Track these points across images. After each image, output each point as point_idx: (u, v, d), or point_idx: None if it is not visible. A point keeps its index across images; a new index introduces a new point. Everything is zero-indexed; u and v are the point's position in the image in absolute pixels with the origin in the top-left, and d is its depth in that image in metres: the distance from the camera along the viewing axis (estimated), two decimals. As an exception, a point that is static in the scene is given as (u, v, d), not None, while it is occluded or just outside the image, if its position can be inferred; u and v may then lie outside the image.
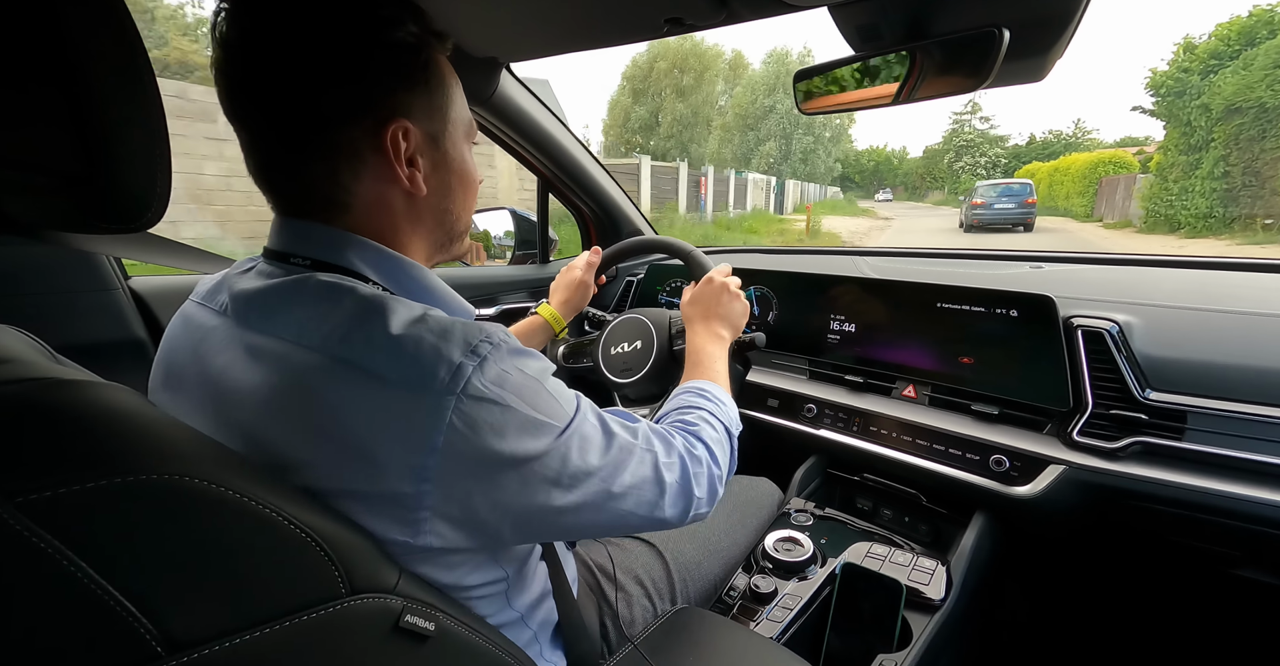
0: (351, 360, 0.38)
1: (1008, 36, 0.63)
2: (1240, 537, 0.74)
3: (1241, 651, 0.98)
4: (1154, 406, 0.77)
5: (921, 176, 55.18)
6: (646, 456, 0.48)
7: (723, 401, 0.65)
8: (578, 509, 0.43)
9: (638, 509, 0.47)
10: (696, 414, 0.61)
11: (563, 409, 0.43)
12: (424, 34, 0.44)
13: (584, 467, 0.43)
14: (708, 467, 0.55)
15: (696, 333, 0.78)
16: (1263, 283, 0.95)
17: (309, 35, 0.40)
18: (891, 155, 68.36)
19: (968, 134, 47.36)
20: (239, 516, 0.31)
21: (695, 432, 0.58)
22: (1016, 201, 15.04)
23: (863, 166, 67.24)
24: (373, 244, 0.46)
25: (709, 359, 0.73)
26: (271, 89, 0.40)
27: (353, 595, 0.34)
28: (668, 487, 0.49)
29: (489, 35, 0.92)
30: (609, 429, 0.46)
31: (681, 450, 0.53)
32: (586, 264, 1.01)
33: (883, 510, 1.04)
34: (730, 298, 0.81)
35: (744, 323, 0.82)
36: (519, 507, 0.40)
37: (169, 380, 0.48)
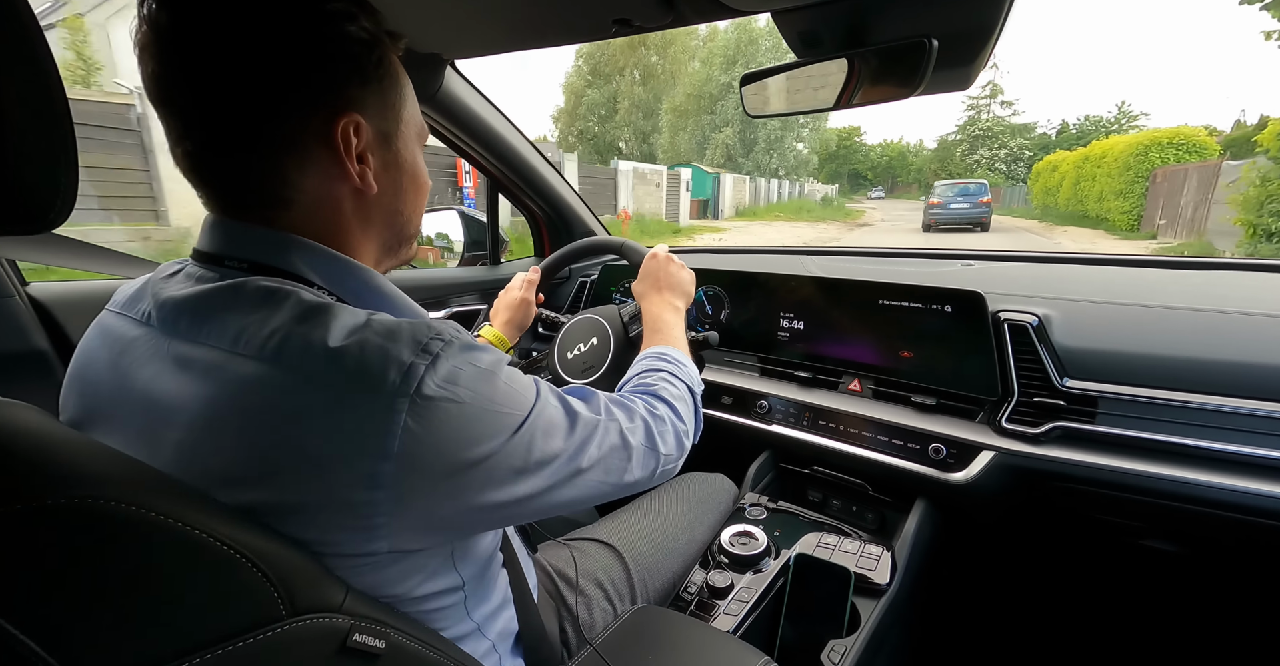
0: (294, 368, 0.36)
1: (937, 46, 0.66)
2: (1145, 511, 0.81)
3: (1150, 614, 1.08)
4: (1070, 393, 0.83)
5: (935, 172, 48.24)
6: (611, 425, 0.49)
7: (682, 362, 0.67)
8: (548, 490, 0.43)
9: (607, 476, 0.48)
10: (656, 375, 0.63)
11: (523, 397, 0.42)
12: (376, 31, 0.43)
13: (549, 451, 0.42)
14: (671, 424, 0.56)
15: (651, 303, 0.79)
16: (1165, 278, 1.05)
17: (253, 19, 0.38)
18: (906, 150, 63.26)
19: (985, 122, 40.85)
20: (161, 540, 0.29)
21: (655, 392, 0.59)
22: (971, 201, 14.86)
23: (874, 163, 62.80)
24: (319, 246, 0.43)
25: (666, 326, 0.75)
26: (209, 75, 0.38)
27: (294, 616, 0.33)
28: (634, 451, 0.50)
29: (432, 30, 0.89)
30: (571, 408, 0.46)
31: (643, 412, 0.54)
32: (525, 283, 1.00)
33: (832, 501, 1.08)
34: (676, 267, 0.84)
35: (693, 289, 0.85)
36: (484, 502, 0.39)
37: (84, 398, 0.44)
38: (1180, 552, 0.89)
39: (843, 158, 62.42)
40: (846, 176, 62.13)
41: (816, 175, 59.85)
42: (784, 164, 25.49)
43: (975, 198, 14.83)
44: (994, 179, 35.67)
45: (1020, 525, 1.00)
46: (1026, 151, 39.40)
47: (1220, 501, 0.73)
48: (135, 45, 0.39)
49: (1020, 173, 37.25)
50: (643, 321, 0.79)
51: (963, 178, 35.19)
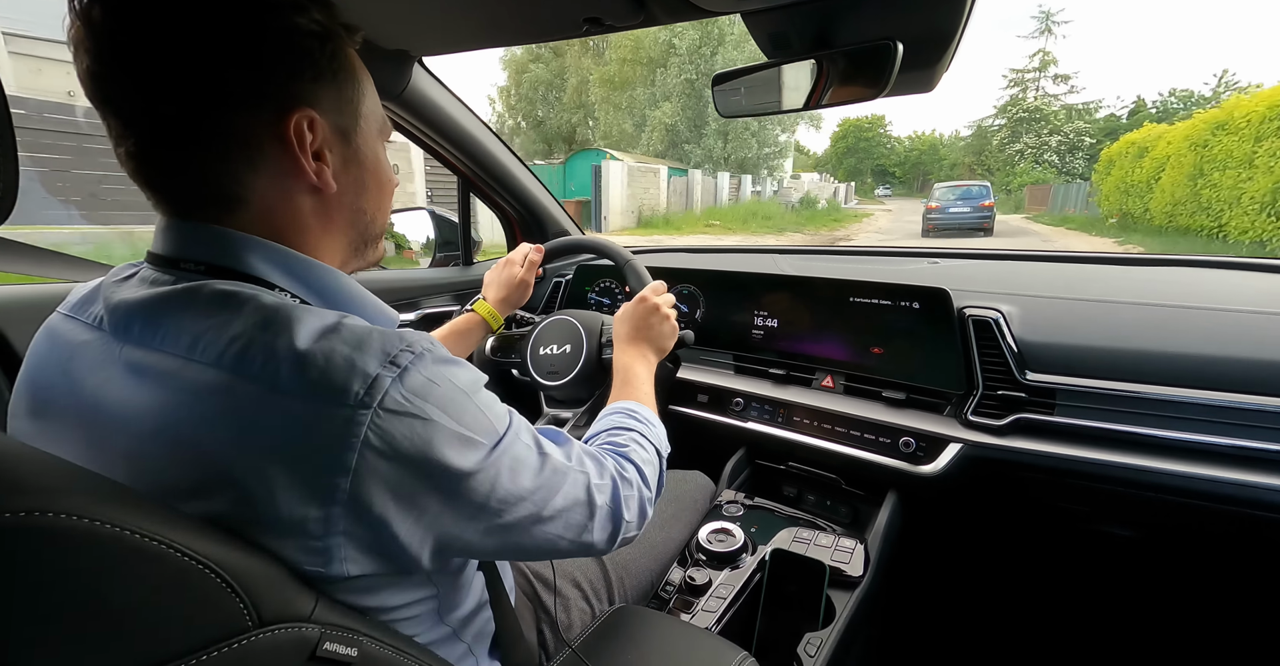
0: (253, 376, 0.34)
1: (901, 49, 0.68)
2: (1101, 498, 0.85)
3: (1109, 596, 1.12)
4: (1031, 385, 0.87)
5: (968, 166, 39.46)
6: (580, 478, 0.47)
7: (652, 422, 0.65)
8: (504, 532, 0.41)
9: (565, 532, 0.46)
10: (627, 435, 0.61)
11: (493, 425, 0.41)
12: (329, 23, 0.41)
13: (515, 491, 0.41)
14: (638, 490, 0.54)
15: (625, 351, 0.78)
16: (1119, 274, 1.09)
17: (192, 11, 0.36)
18: (938, 142, 54.26)
19: (1031, 102, 32.35)
20: (116, 552, 0.28)
21: (626, 454, 0.57)
22: (972, 205, 13.78)
23: (902, 157, 54.79)
24: (279, 246, 0.41)
25: (636, 379, 0.73)
26: (146, 71, 0.36)
27: (261, 627, 0.32)
28: (597, 510, 0.48)
29: (400, 27, 0.87)
30: (543, 449, 0.45)
31: (613, 471, 0.52)
32: (528, 262, 0.98)
33: (807, 495, 1.09)
34: (660, 319, 0.81)
35: (670, 345, 0.83)
36: (440, 531, 0.38)
37: (34, 405, 0.42)
38: (1136, 537, 0.93)
39: (863, 152, 54.86)
40: (871, 172, 55.31)
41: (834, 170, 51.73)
42: (746, 153, 19.46)
43: (977, 201, 13.82)
44: (1041, 173, 28.44)
45: (986, 515, 1.03)
46: (1087, 138, 29.61)
47: (1171, 487, 0.77)
48: (69, 41, 0.36)
49: (1077, 166, 28.64)
50: (613, 367, 0.77)
51: (1001, 172, 30.94)
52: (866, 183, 54.53)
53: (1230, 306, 0.86)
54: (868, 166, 55.62)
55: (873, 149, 55.12)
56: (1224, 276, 1.03)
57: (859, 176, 54.62)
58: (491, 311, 0.94)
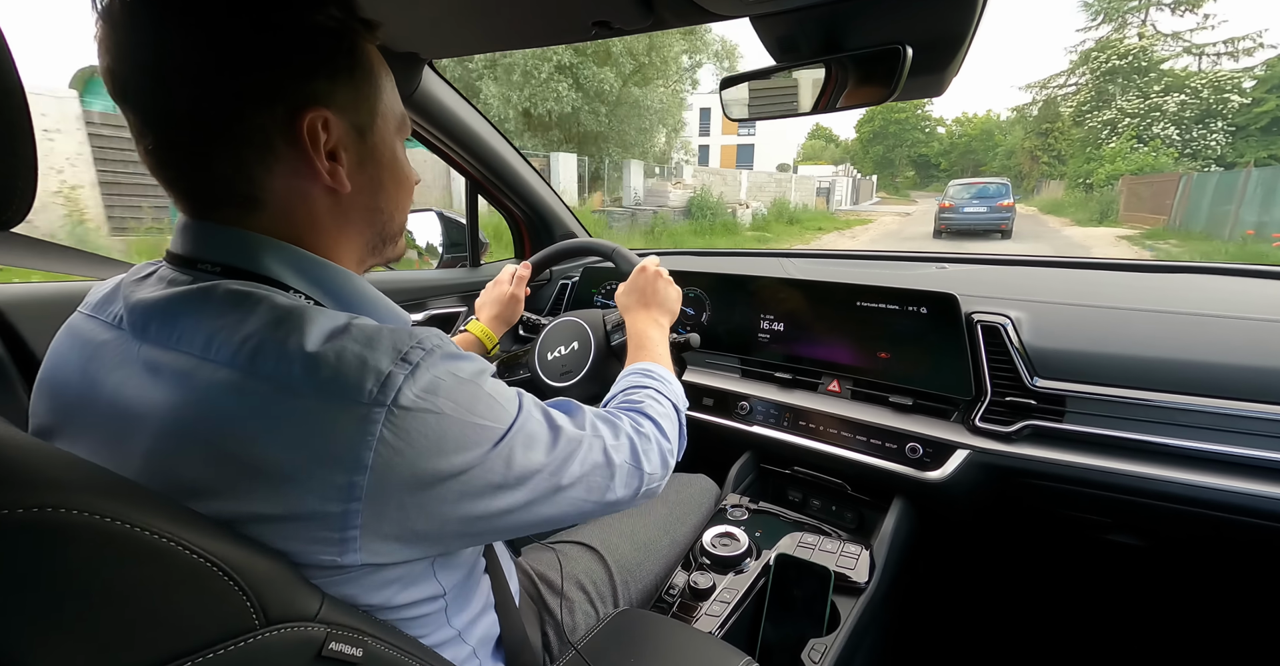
0: (267, 375, 0.35)
1: (910, 53, 0.68)
2: (1111, 506, 0.84)
3: (1118, 606, 1.11)
4: (1040, 392, 0.86)
5: (1029, 153, 29.44)
6: (595, 442, 0.48)
7: (667, 379, 0.66)
8: (527, 505, 0.42)
9: (589, 495, 0.47)
10: (642, 392, 0.62)
11: (504, 409, 0.41)
12: (348, 20, 0.41)
13: (529, 466, 0.42)
14: (656, 442, 0.55)
15: (636, 319, 0.78)
16: (1130, 281, 1.08)
17: (208, 10, 0.36)
18: (993, 125, 42.83)
19: (1132, 44, 20.68)
20: (126, 550, 0.28)
21: (641, 409, 0.58)
22: (988, 204, 12.80)
23: (948, 144, 45.27)
24: (292, 248, 0.42)
25: (651, 342, 0.74)
26: (162, 69, 0.36)
27: (268, 626, 0.32)
28: (618, 469, 0.49)
29: (411, 30, 0.88)
30: (554, 422, 0.45)
31: (629, 429, 0.53)
32: (516, 278, 0.99)
33: (812, 500, 1.09)
34: (665, 284, 0.82)
35: (679, 307, 0.84)
36: (462, 515, 0.39)
37: (54, 403, 0.43)
38: (1145, 546, 0.92)
39: (894, 138, 45.28)
40: (909, 163, 46.64)
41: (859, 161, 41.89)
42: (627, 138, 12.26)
43: (994, 200, 12.86)
44: (1146, 157, 17.19)
45: (993, 522, 1.02)
46: (1234, 97, 18.08)
47: (1183, 497, 0.76)
48: (95, 40, 0.37)
49: (1213, 144, 18.28)
50: (626, 335, 0.78)
51: (1077, 158, 21.01)
52: (905, 176, 46.24)
53: (1245, 314, 0.85)
54: (901, 156, 46.28)
55: (905, 135, 45.10)
56: (1238, 284, 1.02)
57: (888, 168, 46.22)
58: (485, 331, 0.95)
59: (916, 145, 46.22)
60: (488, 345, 0.96)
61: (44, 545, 0.26)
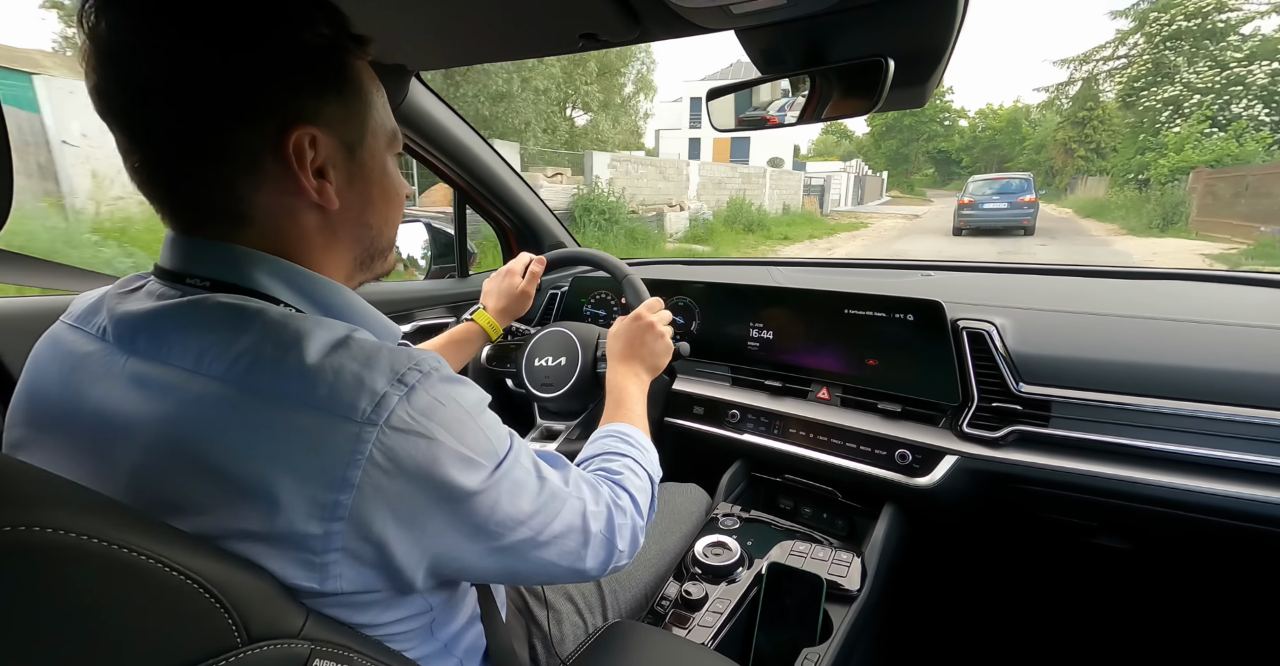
0: (261, 390, 0.34)
1: (893, 66, 0.69)
2: (1096, 510, 0.84)
3: (1107, 609, 1.12)
4: (1026, 398, 0.87)
5: (1063, 146, 25.68)
6: (576, 504, 0.47)
7: (645, 447, 0.65)
8: (500, 555, 0.41)
9: (560, 559, 0.46)
10: (621, 461, 0.60)
11: (494, 447, 0.41)
12: (338, 37, 0.41)
13: (513, 514, 0.41)
14: (631, 519, 0.54)
15: (617, 370, 0.77)
16: (1113, 287, 1.10)
17: (195, 29, 0.36)
18: (1020, 115, 39.10)
19: (1199, 4, 16.29)
20: (103, 567, 0.27)
21: (620, 482, 0.57)
22: (1010, 200, 12.30)
23: (971, 139, 41.06)
24: (283, 261, 0.41)
25: (630, 399, 0.72)
26: (148, 87, 0.36)
27: (250, 644, 0.31)
28: (592, 537, 0.48)
29: (398, 42, 0.88)
30: (541, 473, 0.45)
31: (608, 499, 0.52)
32: (530, 273, 0.98)
33: (803, 508, 1.09)
34: (654, 338, 0.81)
35: (665, 362, 0.82)
36: (438, 551, 0.38)
37: (33, 415, 0.42)
38: (1131, 549, 0.93)
39: (909, 131, 41.46)
40: (927, 159, 42.89)
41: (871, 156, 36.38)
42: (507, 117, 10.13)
43: (1015, 196, 12.32)
44: (1229, 144, 13.43)
45: (982, 528, 1.03)
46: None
47: (1167, 500, 0.77)
48: (80, 60, 0.37)
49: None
50: (606, 383, 0.76)
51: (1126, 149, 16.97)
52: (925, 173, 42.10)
53: (1226, 320, 0.86)
54: (917, 151, 42.32)
55: (922, 127, 40.85)
56: (1219, 290, 1.04)
57: (902, 165, 42.11)
58: (491, 322, 0.94)
59: (935, 139, 41.99)
60: (493, 336, 0.94)
61: (19, 565, 0.26)
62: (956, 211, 13.22)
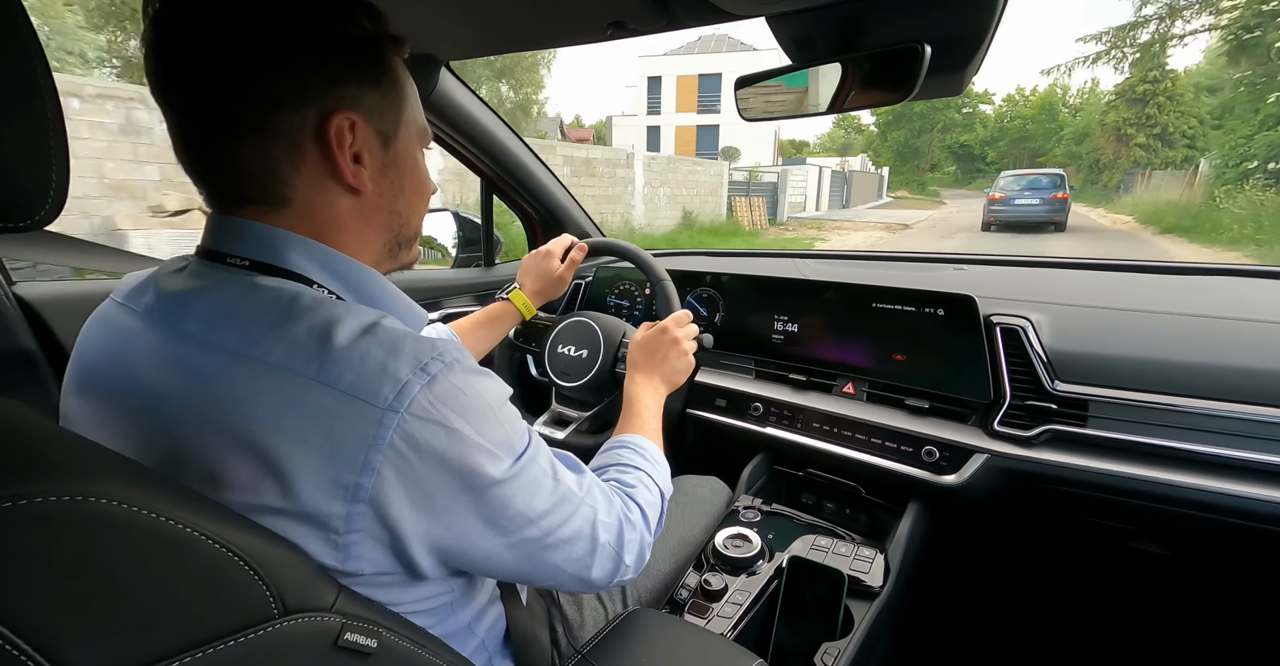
0: (292, 370, 0.36)
1: (929, 52, 0.67)
2: (1135, 514, 0.82)
3: (1140, 616, 1.08)
4: (1061, 396, 0.84)
5: (1115, 131, 20.72)
6: (588, 511, 0.47)
7: (658, 462, 0.65)
8: (508, 552, 0.42)
9: (566, 565, 0.46)
10: (634, 475, 0.60)
11: (513, 441, 0.42)
12: (377, 31, 0.43)
13: (526, 512, 0.42)
14: (640, 534, 0.54)
15: (636, 381, 0.77)
16: (1154, 282, 1.06)
17: (247, 16, 0.38)
18: (1055, 102, 32.59)
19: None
20: (152, 538, 0.29)
21: (632, 495, 0.57)
22: (1041, 196, 12.20)
23: (997, 130, 34.63)
24: (318, 244, 0.43)
25: (646, 412, 0.73)
26: (203, 70, 0.38)
27: (286, 615, 0.33)
28: (600, 548, 0.48)
29: (428, 32, 0.89)
30: (557, 474, 0.45)
31: (620, 511, 0.52)
32: (570, 260, 0.98)
33: (825, 503, 1.08)
34: (677, 354, 0.81)
35: (684, 379, 0.82)
36: (449, 541, 0.39)
37: (84, 386, 0.44)
38: (1170, 555, 0.90)
39: (921, 120, 35.64)
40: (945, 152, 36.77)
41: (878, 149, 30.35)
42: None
43: (1047, 192, 12.17)
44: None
45: (1011, 527, 1.00)
46: None
47: (1210, 504, 0.74)
48: (141, 45, 0.39)
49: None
50: (624, 392, 0.76)
51: (1244, 124, 13.20)
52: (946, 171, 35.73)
53: (1276, 318, 0.82)
54: (930, 144, 36.46)
55: (936, 116, 34.76)
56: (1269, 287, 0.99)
57: (913, 160, 36.37)
58: (526, 302, 0.94)
59: (953, 131, 35.82)
60: (526, 316, 0.96)
61: (75, 533, 0.27)
62: (986, 207, 13.40)
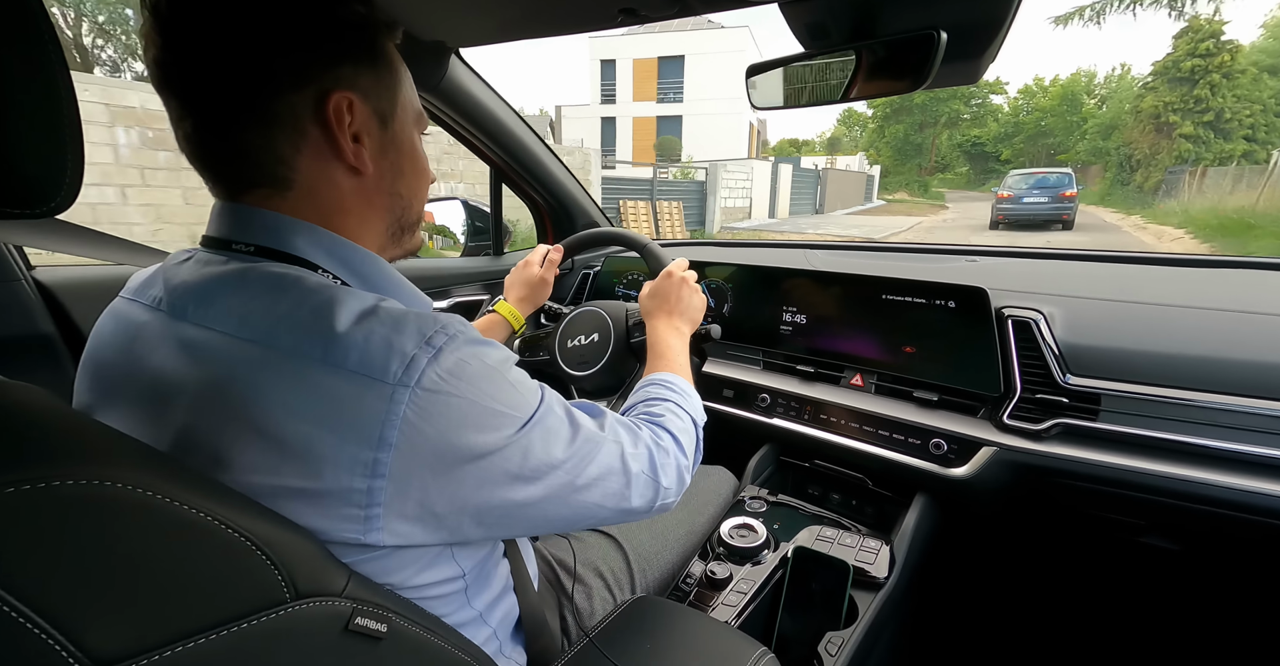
0: (298, 353, 0.36)
1: (945, 39, 0.65)
2: (1146, 509, 0.81)
3: (1148, 611, 1.08)
4: (1073, 390, 0.83)
5: (1154, 123, 17.07)
6: (613, 447, 0.48)
7: (687, 392, 0.66)
8: (541, 502, 0.42)
9: (605, 501, 0.47)
10: (663, 405, 0.61)
11: (525, 399, 0.42)
12: (369, 15, 0.44)
13: (547, 460, 0.42)
14: (674, 457, 0.55)
15: (657, 326, 0.78)
16: (1168, 275, 1.04)
17: (248, 4, 0.39)
18: (1079, 91, 27.99)
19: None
20: (166, 522, 0.29)
21: (661, 423, 0.58)
22: (1050, 195, 12.53)
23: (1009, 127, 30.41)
24: (322, 229, 0.44)
25: (671, 351, 0.73)
26: (202, 56, 0.39)
27: (298, 599, 0.33)
28: (634, 477, 0.49)
29: (438, 19, 0.88)
30: (575, 420, 0.46)
31: (648, 440, 0.53)
32: (547, 261, 1.00)
33: (832, 495, 1.08)
34: (690, 291, 0.81)
35: (701, 316, 0.83)
36: (479, 502, 0.40)
37: (97, 382, 0.45)
38: (1180, 550, 0.89)
39: (923, 112, 31.42)
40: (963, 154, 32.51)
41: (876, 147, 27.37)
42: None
43: (1055, 190, 12.52)
44: None
45: (1019, 521, 1.00)
46: None
47: (1223, 500, 0.73)
48: (139, 34, 0.40)
49: None
50: (646, 341, 0.77)
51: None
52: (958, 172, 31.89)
53: None
54: (936, 138, 31.93)
55: (939, 108, 30.57)
56: None
57: (914, 157, 32.33)
58: (512, 311, 0.96)
59: (959, 124, 31.65)
60: (515, 326, 0.96)
61: (91, 517, 0.28)
62: (994, 206, 13.89)
